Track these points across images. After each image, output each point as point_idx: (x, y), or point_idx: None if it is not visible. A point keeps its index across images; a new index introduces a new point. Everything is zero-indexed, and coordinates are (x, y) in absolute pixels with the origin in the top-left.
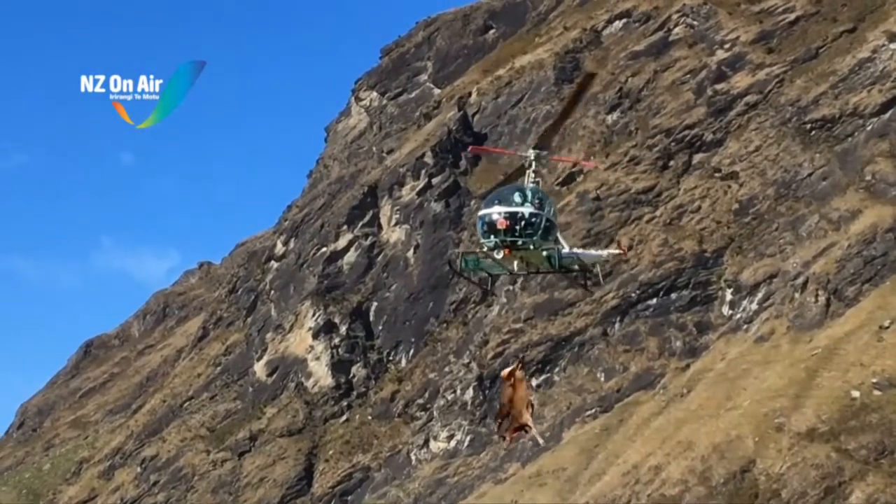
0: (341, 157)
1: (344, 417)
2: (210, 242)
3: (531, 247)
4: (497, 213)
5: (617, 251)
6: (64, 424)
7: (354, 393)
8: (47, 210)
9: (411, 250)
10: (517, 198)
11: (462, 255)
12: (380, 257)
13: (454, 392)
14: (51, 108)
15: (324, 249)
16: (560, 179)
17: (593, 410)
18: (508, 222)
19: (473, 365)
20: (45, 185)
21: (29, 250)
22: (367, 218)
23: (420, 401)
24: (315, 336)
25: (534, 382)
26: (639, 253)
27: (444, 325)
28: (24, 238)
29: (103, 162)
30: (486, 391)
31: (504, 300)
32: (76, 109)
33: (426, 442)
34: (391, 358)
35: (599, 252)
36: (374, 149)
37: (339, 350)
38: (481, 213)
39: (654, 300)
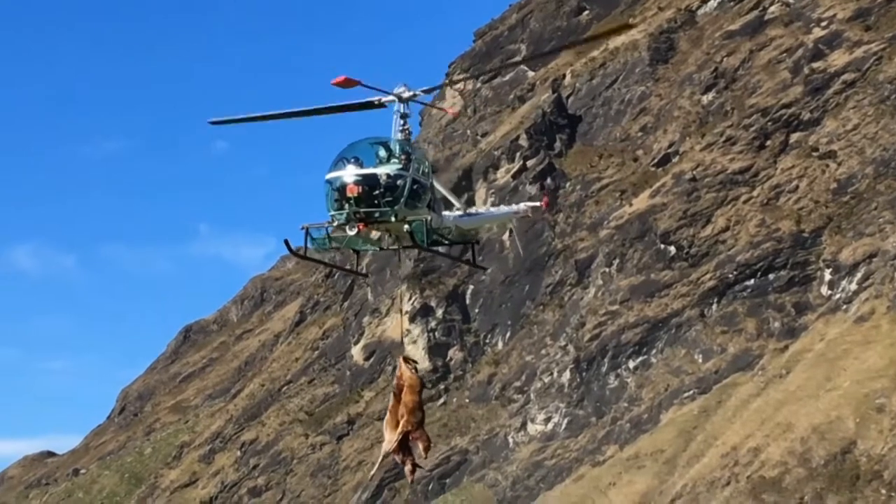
0: (436, 140)
1: (441, 401)
2: None
3: (393, 218)
4: (348, 175)
5: (536, 203)
6: (164, 409)
7: (451, 376)
8: (144, 197)
9: (507, 233)
10: (379, 153)
11: (308, 231)
12: None
13: (551, 374)
14: (146, 96)
15: None
16: (656, 161)
17: (691, 392)
18: (361, 188)
19: (570, 347)
20: (141, 174)
21: (127, 238)
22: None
23: (517, 383)
24: (412, 320)
25: (630, 364)
26: (736, 234)
27: (541, 307)
28: (122, 225)
29: (198, 150)
30: (584, 373)
31: (600, 282)
32: (170, 97)
33: (523, 424)
34: (488, 341)
35: (515, 207)
36: (468, 132)
37: (436, 333)
38: (328, 175)
39: (752, 281)
